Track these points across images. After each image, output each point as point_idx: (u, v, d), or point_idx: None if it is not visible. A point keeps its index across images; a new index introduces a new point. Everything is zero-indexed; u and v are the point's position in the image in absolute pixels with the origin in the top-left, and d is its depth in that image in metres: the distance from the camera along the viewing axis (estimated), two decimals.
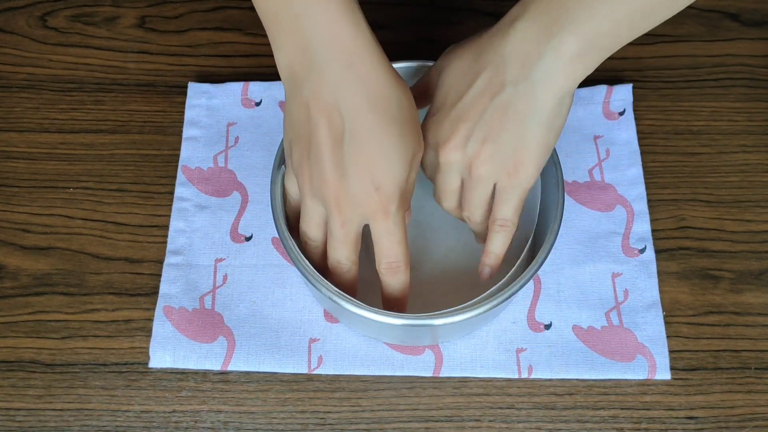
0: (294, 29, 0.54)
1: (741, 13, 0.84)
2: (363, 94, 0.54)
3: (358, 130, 0.55)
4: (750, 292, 0.70)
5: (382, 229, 0.58)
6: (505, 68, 0.56)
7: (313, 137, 0.56)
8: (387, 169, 0.56)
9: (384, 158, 0.56)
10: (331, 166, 0.56)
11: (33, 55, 0.81)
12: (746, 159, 0.76)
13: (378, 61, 0.55)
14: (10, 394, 0.66)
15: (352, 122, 0.55)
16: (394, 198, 0.57)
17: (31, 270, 0.71)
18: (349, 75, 0.54)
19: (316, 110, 0.55)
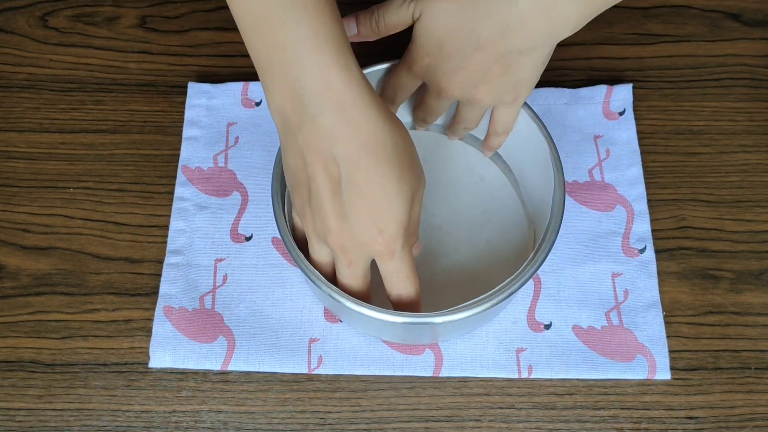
0: (286, 76, 0.53)
1: (743, 13, 0.84)
2: (357, 139, 0.54)
3: (355, 176, 0.54)
4: (750, 292, 0.70)
5: (390, 268, 0.58)
6: (511, 37, 0.60)
7: (312, 185, 0.56)
8: (388, 213, 0.56)
9: (384, 202, 0.55)
10: (332, 213, 0.56)
11: (33, 55, 0.81)
12: (747, 159, 0.76)
13: (370, 104, 0.54)
14: (10, 394, 0.66)
15: (349, 169, 0.54)
16: (398, 238, 0.57)
17: (31, 270, 0.71)
18: (342, 121, 0.53)
19: (312, 158, 0.55)
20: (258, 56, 0.55)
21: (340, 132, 0.54)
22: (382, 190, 0.55)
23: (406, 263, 0.59)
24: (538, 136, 0.66)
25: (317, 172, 0.55)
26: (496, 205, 0.72)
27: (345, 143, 0.54)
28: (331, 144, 0.54)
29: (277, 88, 0.54)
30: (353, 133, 0.54)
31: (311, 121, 0.54)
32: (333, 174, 0.55)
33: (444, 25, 0.61)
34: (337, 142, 0.54)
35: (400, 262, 0.58)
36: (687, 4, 0.85)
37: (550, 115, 0.77)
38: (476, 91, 0.64)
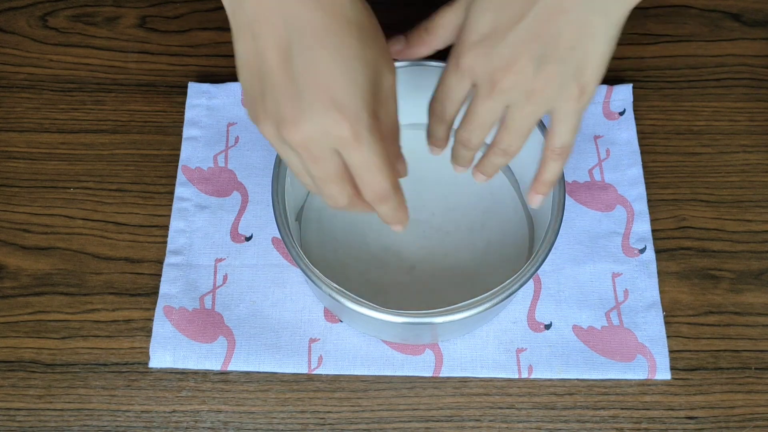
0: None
1: (743, 13, 0.84)
2: (318, 11, 0.48)
3: (309, 40, 0.47)
4: (750, 292, 0.70)
5: (357, 158, 0.50)
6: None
7: (263, 67, 0.49)
8: (348, 84, 0.48)
9: (343, 71, 0.48)
10: (285, 95, 0.48)
11: (33, 55, 0.81)
12: (747, 159, 0.76)
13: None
14: (10, 394, 0.66)
15: (300, 31, 0.47)
16: (362, 118, 0.48)
17: (31, 270, 0.71)
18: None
19: (260, 28, 0.48)
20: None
21: (304, 7, 0.48)
22: (341, 58, 0.48)
23: (376, 152, 0.50)
24: (538, 136, 0.66)
25: (265, 43, 0.48)
26: (496, 205, 0.72)
27: (298, 2, 0.48)
28: (281, 4, 0.47)
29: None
30: (316, 7, 0.48)
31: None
32: (281, 40, 0.48)
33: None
34: (288, 2, 0.48)
35: (369, 151, 0.49)
36: (687, 4, 0.85)
37: None
38: (536, 78, 0.52)
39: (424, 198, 0.72)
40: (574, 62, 0.52)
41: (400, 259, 0.70)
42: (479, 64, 0.53)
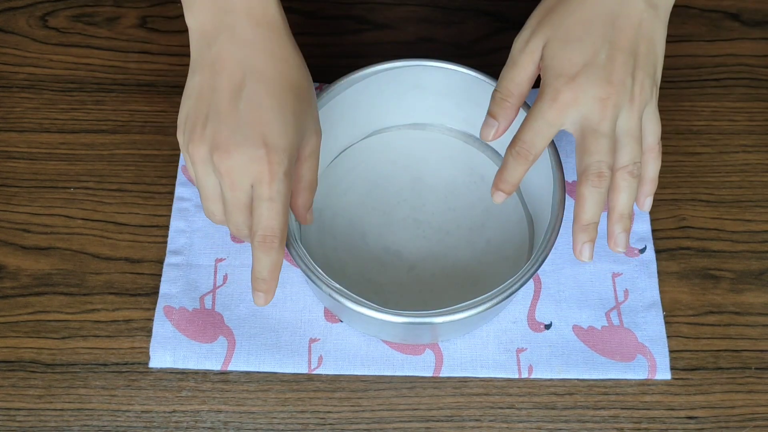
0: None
1: (742, 13, 0.84)
2: (271, 56, 0.56)
3: (258, 87, 0.56)
4: (750, 292, 0.70)
5: (265, 193, 0.55)
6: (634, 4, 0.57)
7: (213, 96, 0.56)
8: (280, 130, 0.55)
9: (280, 119, 0.56)
10: (226, 123, 0.55)
11: (34, 55, 0.81)
12: (747, 159, 0.76)
13: (288, 37, 0.58)
14: (10, 394, 0.66)
15: (255, 78, 0.56)
16: (282, 161, 0.55)
17: (31, 270, 0.71)
18: (260, 37, 0.56)
19: (220, 66, 0.56)
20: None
21: (256, 44, 0.56)
22: (280, 108, 0.56)
23: (282, 196, 0.56)
24: None
25: (222, 80, 0.56)
26: (496, 205, 0.72)
27: (257, 54, 0.56)
28: (244, 53, 0.56)
29: (200, 4, 0.58)
30: (267, 48, 0.57)
31: (230, 31, 0.56)
32: (237, 81, 0.56)
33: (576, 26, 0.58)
34: (250, 53, 0.56)
35: (278, 192, 0.55)
36: (686, 4, 0.85)
37: None
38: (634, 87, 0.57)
39: (424, 198, 0.72)
40: (651, 67, 0.58)
41: (400, 259, 0.70)
42: (582, 93, 0.56)
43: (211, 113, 0.56)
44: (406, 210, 0.72)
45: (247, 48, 0.56)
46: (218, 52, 0.56)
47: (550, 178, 0.65)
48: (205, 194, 0.58)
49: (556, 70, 0.57)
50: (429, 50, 0.82)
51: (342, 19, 0.84)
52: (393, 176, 0.74)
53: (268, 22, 0.57)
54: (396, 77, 0.69)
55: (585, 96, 0.56)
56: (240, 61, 0.56)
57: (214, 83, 0.56)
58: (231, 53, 0.56)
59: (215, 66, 0.56)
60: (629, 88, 0.56)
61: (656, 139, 0.60)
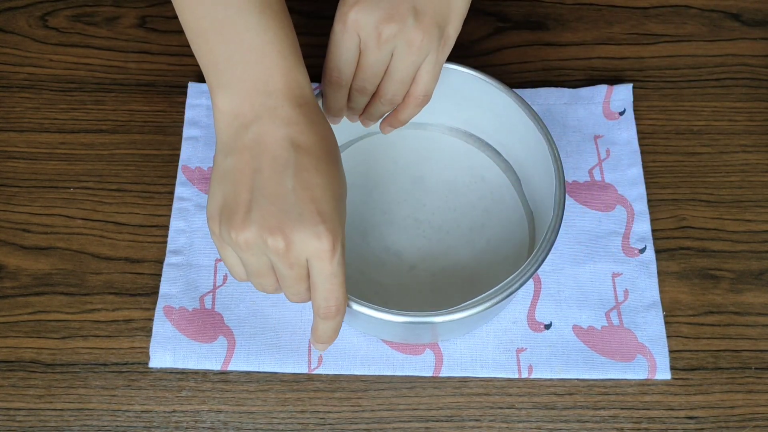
0: (247, 75, 0.55)
1: (742, 13, 0.84)
2: (313, 131, 0.55)
3: (307, 163, 0.54)
4: (750, 292, 0.70)
5: (327, 270, 0.54)
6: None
7: (257, 178, 0.54)
8: (333, 205, 0.55)
9: (330, 193, 0.55)
10: (275, 199, 0.54)
11: (33, 55, 0.81)
12: (747, 159, 0.76)
13: (321, 110, 0.58)
14: (10, 394, 0.66)
15: (302, 155, 0.54)
16: (339, 234, 0.54)
17: (31, 270, 0.71)
18: (300, 114, 0.55)
19: (263, 146, 0.54)
20: (215, 57, 0.56)
21: (299, 121, 0.55)
22: (330, 183, 0.55)
23: (342, 268, 0.55)
24: (538, 136, 0.66)
25: (265, 159, 0.54)
26: (497, 205, 0.72)
27: (302, 131, 0.55)
28: (289, 131, 0.55)
29: (235, 86, 0.55)
30: (310, 125, 0.55)
31: (270, 112, 0.55)
32: (282, 160, 0.54)
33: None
34: (295, 131, 0.55)
35: (338, 265, 0.55)
36: (687, 4, 0.85)
37: (550, 115, 0.77)
38: (415, 28, 0.60)
39: (424, 198, 0.72)
40: (441, 16, 0.61)
41: (400, 258, 0.70)
42: (364, 17, 0.60)
43: (255, 195, 0.54)
44: (407, 210, 0.72)
45: (292, 126, 0.55)
46: (259, 133, 0.54)
47: (550, 178, 0.65)
48: (255, 272, 0.57)
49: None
50: None
51: None
52: (393, 176, 0.74)
53: (306, 101, 0.56)
54: None
55: (365, 24, 0.60)
56: (285, 140, 0.54)
57: (257, 164, 0.54)
58: (274, 133, 0.54)
59: (257, 147, 0.54)
60: (408, 29, 0.60)
61: (425, 92, 0.64)
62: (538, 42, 0.83)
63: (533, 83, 0.79)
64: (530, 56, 0.82)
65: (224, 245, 0.56)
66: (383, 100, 0.64)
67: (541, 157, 0.66)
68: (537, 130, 0.66)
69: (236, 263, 0.57)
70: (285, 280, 0.56)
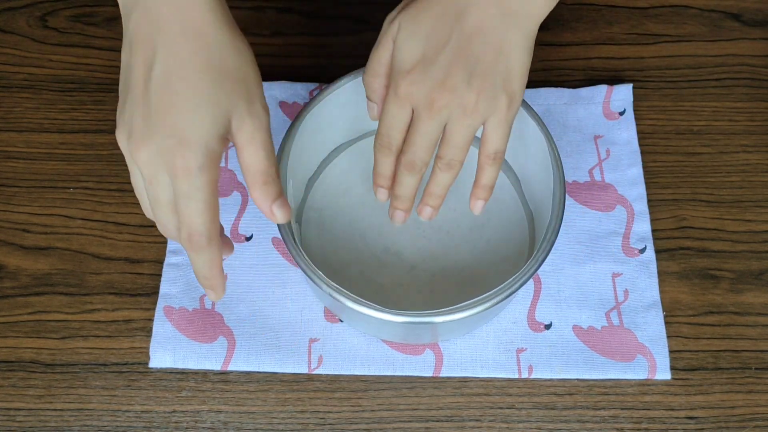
0: None
1: (743, 13, 0.84)
2: (182, 32, 0.51)
3: (168, 68, 0.51)
4: (750, 292, 0.70)
5: (183, 189, 0.50)
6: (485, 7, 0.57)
7: (131, 71, 0.52)
8: (192, 119, 0.50)
9: (191, 106, 0.50)
10: (139, 112, 0.51)
11: (33, 55, 0.81)
12: (747, 159, 0.76)
13: (215, 9, 0.52)
14: (10, 394, 0.66)
15: (164, 58, 0.51)
16: (197, 156, 0.50)
17: (31, 270, 0.71)
18: (174, 10, 0.51)
19: (136, 42, 0.51)
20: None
21: (169, 21, 0.51)
22: (193, 94, 0.51)
23: (202, 192, 0.50)
24: (538, 136, 0.66)
25: (137, 58, 0.51)
26: (497, 205, 0.72)
27: (169, 31, 0.51)
28: (156, 29, 0.51)
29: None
30: (181, 27, 0.51)
31: (143, 4, 0.52)
32: (148, 61, 0.51)
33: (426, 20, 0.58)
34: (161, 29, 0.51)
35: (195, 189, 0.50)
36: (687, 4, 0.85)
37: (550, 115, 0.77)
38: (469, 93, 0.57)
39: None
40: (499, 75, 0.57)
41: (400, 258, 0.70)
42: (416, 88, 0.57)
43: (129, 96, 0.51)
44: None
45: (159, 24, 0.51)
46: (134, 27, 0.52)
47: (550, 178, 0.65)
48: (134, 186, 0.54)
49: (398, 61, 0.58)
50: None
51: (342, 19, 0.84)
52: None
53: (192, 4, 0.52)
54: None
55: (418, 93, 0.57)
56: (151, 39, 0.51)
57: (131, 61, 0.52)
58: (143, 29, 0.51)
59: (132, 42, 0.52)
60: (461, 95, 0.57)
61: (495, 150, 0.60)
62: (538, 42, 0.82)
63: (533, 83, 0.79)
64: None
65: None
66: (441, 164, 0.61)
67: (541, 157, 0.66)
68: (537, 130, 0.66)
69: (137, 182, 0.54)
70: (151, 201, 0.53)
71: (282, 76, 0.79)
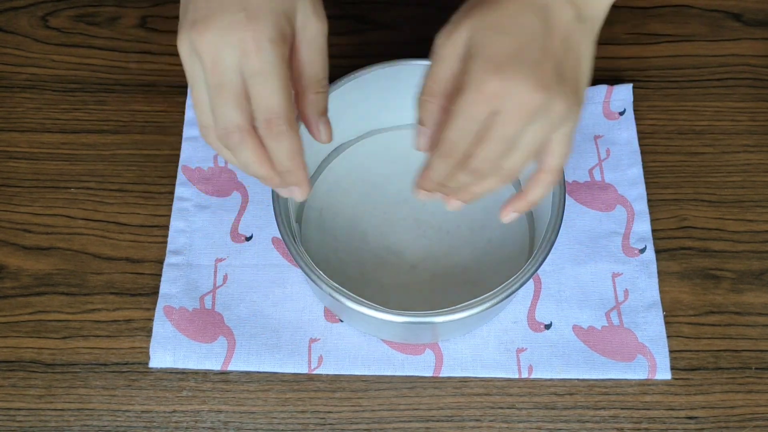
0: None
1: (744, 13, 0.84)
2: None
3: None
4: (751, 292, 0.70)
5: (255, 65, 0.47)
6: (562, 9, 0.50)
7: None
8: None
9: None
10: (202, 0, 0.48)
11: (35, 56, 0.81)
12: (749, 159, 0.76)
13: None
14: (10, 394, 0.66)
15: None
16: (268, 28, 0.47)
17: (32, 270, 0.71)
18: None
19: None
20: None
21: None
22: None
23: (277, 68, 0.47)
24: None
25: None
26: (497, 205, 0.72)
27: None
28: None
29: None
30: None
31: None
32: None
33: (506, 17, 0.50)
34: None
35: (268, 62, 0.47)
36: (688, 4, 0.84)
37: None
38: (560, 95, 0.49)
39: None
40: (579, 83, 0.51)
41: (400, 258, 0.70)
42: (508, 87, 0.48)
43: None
44: (407, 210, 0.72)
45: None
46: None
47: None
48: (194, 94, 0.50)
49: (483, 57, 0.49)
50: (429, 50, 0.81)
51: (342, 19, 0.84)
52: (393, 176, 0.74)
53: None
54: (396, 77, 0.69)
55: (509, 94, 0.48)
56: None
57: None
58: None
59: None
60: (553, 98, 0.49)
61: (557, 164, 0.53)
62: None
63: None
64: None
65: None
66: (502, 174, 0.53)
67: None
68: None
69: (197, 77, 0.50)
70: (211, 95, 0.49)
71: None
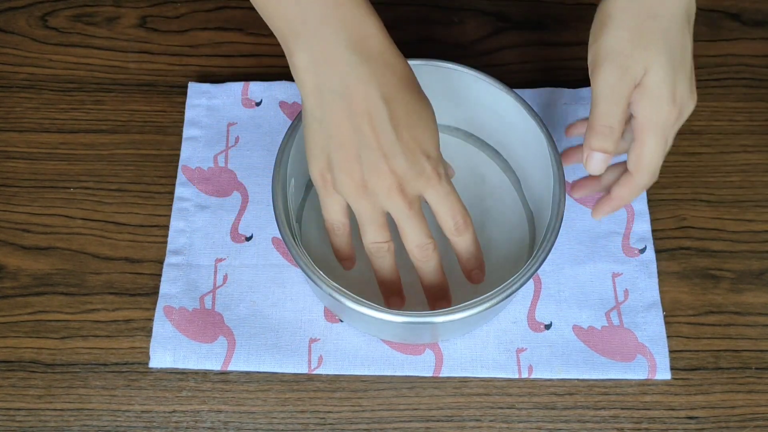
0: (318, 31, 0.55)
1: (742, 13, 0.84)
2: (394, 77, 0.57)
3: (398, 111, 0.56)
4: (750, 292, 0.70)
5: (442, 191, 0.59)
6: (683, 19, 0.60)
7: (360, 136, 0.56)
8: (430, 138, 0.58)
9: (425, 129, 0.58)
10: (384, 155, 0.56)
11: (33, 55, 0.81)
12: (747, 159, 0.76)
13: (393, 44, 0.58)
14: (10, 394, 0.66)
15: (392, 106, 0.56)
16: (440, 160, 0.59)
17: (31, 270, 0.71)
18: (380, 65, 0.56)
19: (356, 107, 0.56)
20: (292, 18, 0.56)
21: (382, 74, 0.56)
22: (420, 119, 0.58)
23: (451, 184, 0.60)
24: (539, 135, 0.66)
25: (363, 119, 0.56)
26: (497, 205, 0.72)
27: (386, 83, 0.56)
28: (376, 86, 0.56)
29: (306, 44, 0.56)
30: (390, 73, 0.56)
31: (353, 69, 0.55)
32: (377, 116, 0.56)
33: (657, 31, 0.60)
34: (380, 84, 0.56)
35: (447, 183, 0.59)
36: None
37: (550, 115, 0.77)
38: (692, 95, 0.61)
39: None
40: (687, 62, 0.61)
41: (400, 258, 0.70)
42: (681, 113, 0.60)
43: (367, 153, 0.57)
44: None
45: (377, 78, 0.56)
46: (348, 96, 0.56)
47: (550, 177, 0.65)
48: (365, 219, 0.60)
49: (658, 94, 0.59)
50: (429, 50, 0.82)
51: None
52: None
53: (384, 42, 0.57)
54: None
55: (683, 116, 0.61)
56: (375, 95, 0.56)
57: (356, 126, 0.56)
58: (363, 92, 0.56)
59: (351, 108, 0.56)
60: (681, 111, 0.60)
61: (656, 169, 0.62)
62: (538, 42, 0.83)
63: (533, 83, 0.79)
64: (530, 56, 0.82)
65: (333, 201, 0.61)
66: (635, 187, 0.63)
67: (541, 157, 0.66)
68: (537, 129, 0.66)
69: (338, 213, 0.62)
70: (407, 224, 0.59)
71: (282, 76, 0.79)
